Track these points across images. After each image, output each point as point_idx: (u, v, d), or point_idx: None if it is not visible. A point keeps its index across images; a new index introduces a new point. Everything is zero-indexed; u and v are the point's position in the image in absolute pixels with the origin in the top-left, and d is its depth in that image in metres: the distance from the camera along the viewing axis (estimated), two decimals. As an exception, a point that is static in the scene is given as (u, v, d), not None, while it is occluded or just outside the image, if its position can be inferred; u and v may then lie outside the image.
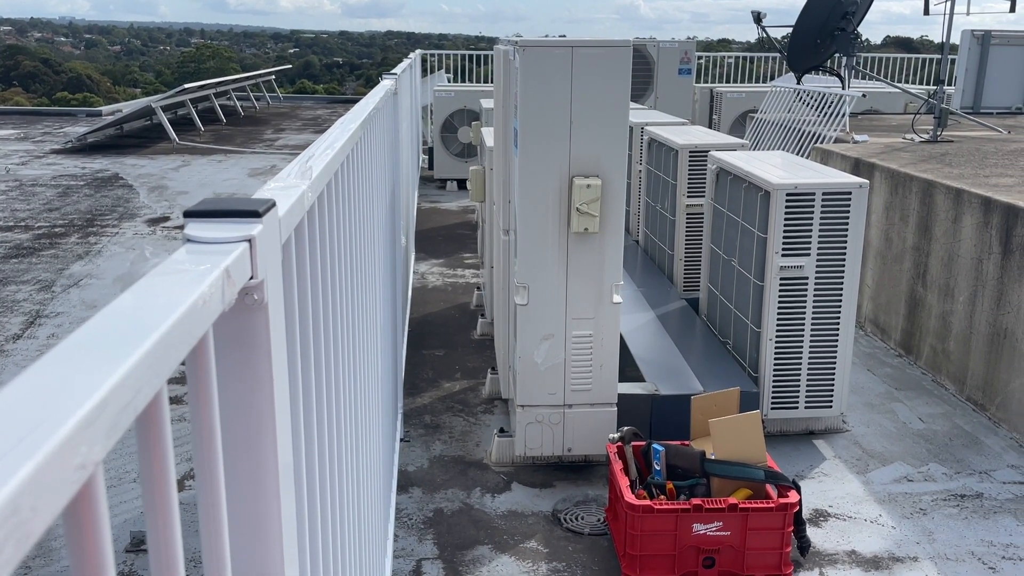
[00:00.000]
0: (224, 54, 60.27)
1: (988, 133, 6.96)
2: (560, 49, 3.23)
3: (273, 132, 14.38)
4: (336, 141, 1.44)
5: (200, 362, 0.63)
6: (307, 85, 48.95)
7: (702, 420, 3.29)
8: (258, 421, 0.83)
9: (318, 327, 1.19)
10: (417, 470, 3.66)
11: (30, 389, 0.41)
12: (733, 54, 15.96)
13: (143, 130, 14.32)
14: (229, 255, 0.67)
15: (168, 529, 0.57)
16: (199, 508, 0.74)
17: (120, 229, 7.77)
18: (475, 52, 14.61)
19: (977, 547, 3.13)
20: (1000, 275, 4.12)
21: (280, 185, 1.01)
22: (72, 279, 6.29)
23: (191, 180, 10.06)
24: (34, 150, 12.23)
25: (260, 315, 0.77)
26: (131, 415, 0.44)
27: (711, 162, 4.43)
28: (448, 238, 7.72)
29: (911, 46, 43.79)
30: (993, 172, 4.99)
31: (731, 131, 9.42)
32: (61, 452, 0.36)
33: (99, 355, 0.45)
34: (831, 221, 3.70)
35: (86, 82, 48.38)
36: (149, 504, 0.56)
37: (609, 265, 3.44)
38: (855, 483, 3.57)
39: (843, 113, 6.87)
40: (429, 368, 4.76)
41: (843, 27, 7.44)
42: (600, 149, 3.31)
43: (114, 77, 56.70)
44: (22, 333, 5.22)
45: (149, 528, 0.58)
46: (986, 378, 4.20)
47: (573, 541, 3.16)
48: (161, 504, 0.54)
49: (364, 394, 1.98)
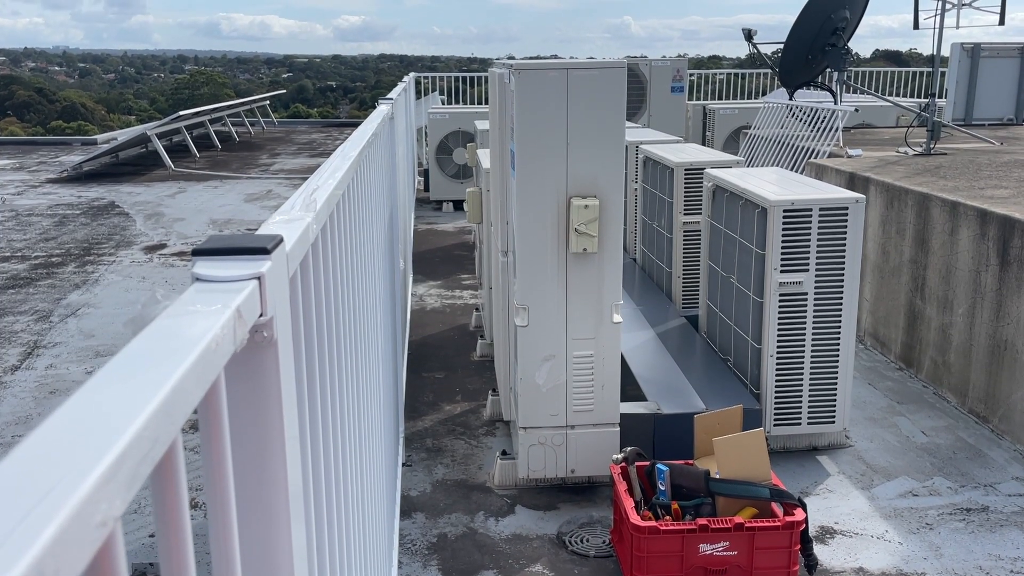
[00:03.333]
0: (218, 80, 60.53)
1: (981, 145, 7.00)
2: (555, 71, 3.24)
3: (268, 157, 14.41)
4: (337, 171, 1.44)
5: (212, 404, 0.62)
6: (301, 109, 49.17)
7: (705, 439, 3.28)
8: (268, 456, 0.82)
9: (323, 358, 1.18)
10: (420, 495, 3.63)
11: (46, 446, 0.40)
12: (724, 71, 16.07)
13: (139, 157, 14.34)
14: (240, 293, 0.67)
15: (183, 572, 0.57)
16: (212, 545, 0.73)
17: (117, 257, 7.77)
18: (468, 74, 14.69)
19: (985, 561, 3.12)
20: (999, 287, 4.13)
21: (285, 218, 1.01)
22: (70, 308, 6.27)
23: (187, 206, 10.07)
24: (30, 180, 12.24)
25: (270, 352, 0.77)
26: (149, 466, 0.44)
27: (707, 179, 4.44)
28: (445, 259, 7.72)
29: (900, 60, 44.13)
30: (988, 184, 5.01)
31: (725, 147, 9.46)
32: (82, 511, 0.36)
33: (115, 406, 0.45)
34: (829, 236, 3.71)
35: (81, 111, 48.53)
36: (164, 549, 0.55)
37: (609, 285, 3.44)
38: (860, 499, 3.55)
39: (836, 128, 6.90)
40: (429, 391, 4.75)
41: (834, 42, 7.49)
42: (597, 169, 3.32)
43: (109, 105, 56.89)
44: (20, 364, 5.19)
45: (164, 571, 0.57)
46: (988, 390, 4.20)
47: (579, 564, 3.13)
48: (176, 549, 0.54)
49: (367, 420, 1.97)
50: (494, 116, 4.06)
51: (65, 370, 5.10)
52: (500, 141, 3.89)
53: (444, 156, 9.71)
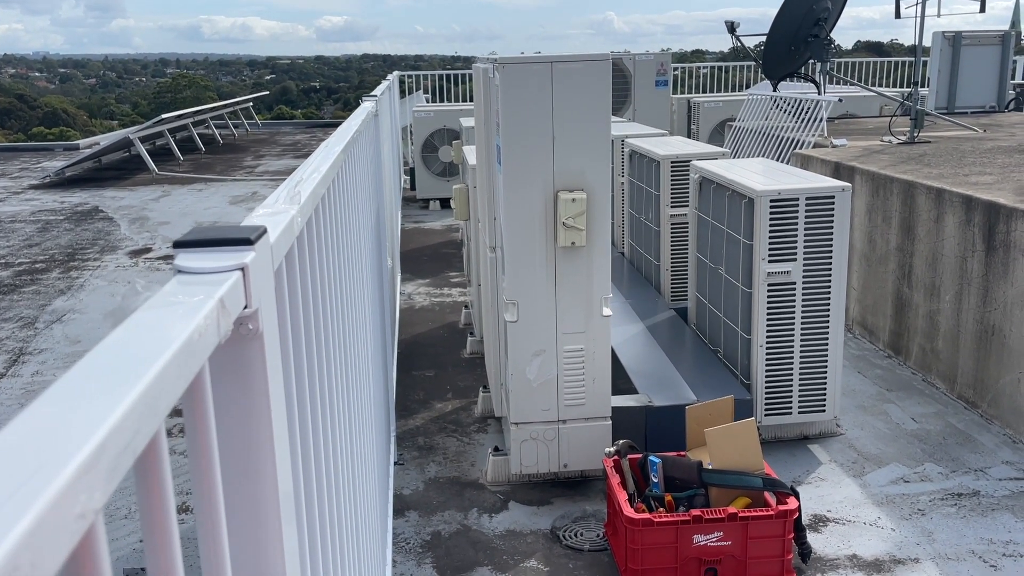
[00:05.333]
0: (200, 83, 60.17)
1: (964, 133, 7.03)
2: (539, 65, 3.23)
3: (253, 159, 14.33)
4: (322, 164, 1.43)
5: (197, 396, 0.60)
6: (285, 111, 48.98)
7: (697, 430, 3.28)
8: (256, 453, 0.80)
9: (311, 353, 1.17)
10: (413, 493, 3.62)
11: (23, 435, 0.39)
12: (708, 64, 16.09)
13: (122, 162, 14.23)
14: (222, 285, 0.65)
15: (171, 571, 0.55)
16: (200, 544, 0.71)
17: (102, 262, 7.70)
18: (452, 72, 14.65)
19: (977, 545, 3.13)
20: (985, 272, 4.14)
21: (269, 211, 0.99)
22: (55, 315, 6.22)
23: (172, 210, 10.00)
24: (12, 186, 12.13)
25: (255, 344, 0.75)
26: (131, 457, 0.42)
27: (694, 171, 4.44)
28: (433, 257, 7.70)
29: (882, 50, 44.35)
30: (972, 171, 5.04)
31: (710, 140, 9.47)
32: (60, 502, 0.34)
33: (94, 395, 0.43)
34: (816, 225, 3.71)
35: (62, 116, 48.16)
36: (151, 547, 0.54)
37: (598, 278, 3.43)
38: (852, 486, 3.56)
39: (820, 118, 6.92)
40: (420, 389, 4.73)
41: (816, 33, 7.51)
42: (584, 162, 3.31)
43: (90, 110, 56.49)
44: (6, 371, 5.14)
45: (151, 571, 0.56)
46: (976, 375, 4.22)
47: (573, 558, 3.13)
48: (163, 547, 0.52)
49: (358, 418, 1.96)
50: (479, 112, 4.04)
51: (52, 376, 5.05)
52: (486, 137, 3.88)
53: (430, 154, 9.68)
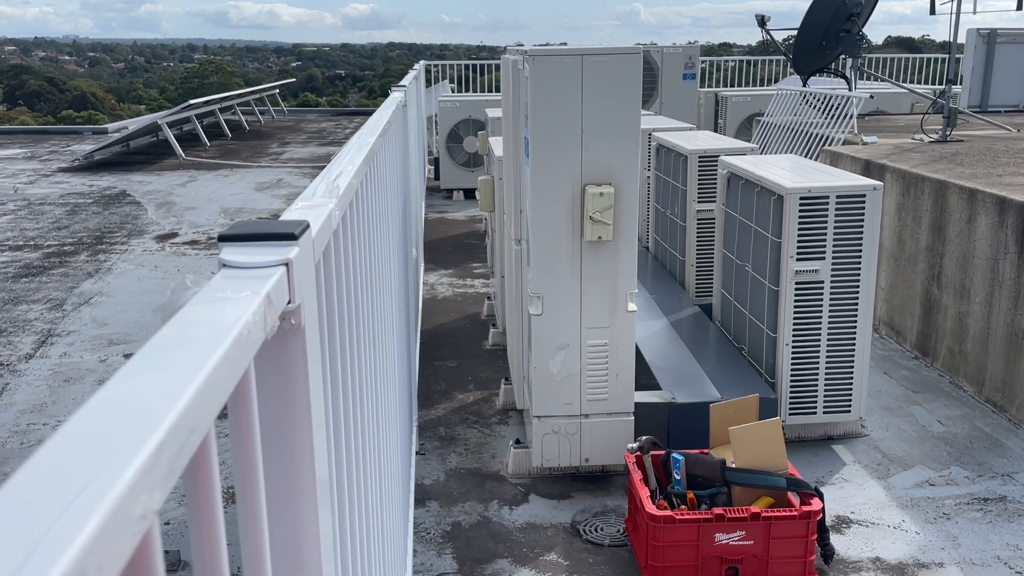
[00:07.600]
0: (227, 69, 60.52)
1: (997, 132, 6.92)
2: (570, 57, 3.21)
3: (278, 146, 14.40)
4: (356, 158, 1.42)
5: (243, 392, 0.60)
6: (310, 98, 49.13)
7: (721, 428, 3.26)
8: (295, 446, 0.80)
9: (345, 346, 1.17)
10: (434, 483, 3.63)
11: (82, 434, 0.39)
12: (735, 58, 15.95)
13: (149, 146, 14.35)
14: (268, 280, 0.65)
15: (216, 566, 0.55)
16: (241, 533, 0.72)
17: (129, 246, 7.78)
18: (477, 62, 14.63)
19: (1003, 551, 3.09)
20: (1017, 275, 4.08)
21: (307, 204, 0.99)
22: (83, 297, 6.29)
23: (198, 195, 10.07)
24: (41, 169, 12.27)
25: (297, 339, 0.75)
26: (186, 456, 0.42)
27: (722, 167, 4.40)
28: (456, 248, 7.70)
29: (913, 46, 43.75)
30: (1006, 171, 4.96)
31: (737, 135, 9.39)
32: (124, 503, 0.34)
33: (151, 394, 0.43)
34: (846, 224, 3.67)
35: (91, 100, 48.62)
36: (197, 543, 0.54)
37: (623, 273, 3.42)
38: (877, 488, 3.53)
39: (850, 115, 6.83)
40: (442, 380, 4.74)
41: (848, 28, 7.41)
42: (612, 156, 3.29)
43: (118, 94, 56.98)
44: (34, 352, 5.21)
45: (196, 564, 0.56)
46: (1005, 379, 4.16)
47: (593, 553, 3.13)
48: (210, 544, 0.52)
49: (385, 408, 1.96)
50: (507, 104, 4.03)
51: (79, 358, 5.11)
52: (514, 129, 3.87)
53: (455, 144, 9.68)
